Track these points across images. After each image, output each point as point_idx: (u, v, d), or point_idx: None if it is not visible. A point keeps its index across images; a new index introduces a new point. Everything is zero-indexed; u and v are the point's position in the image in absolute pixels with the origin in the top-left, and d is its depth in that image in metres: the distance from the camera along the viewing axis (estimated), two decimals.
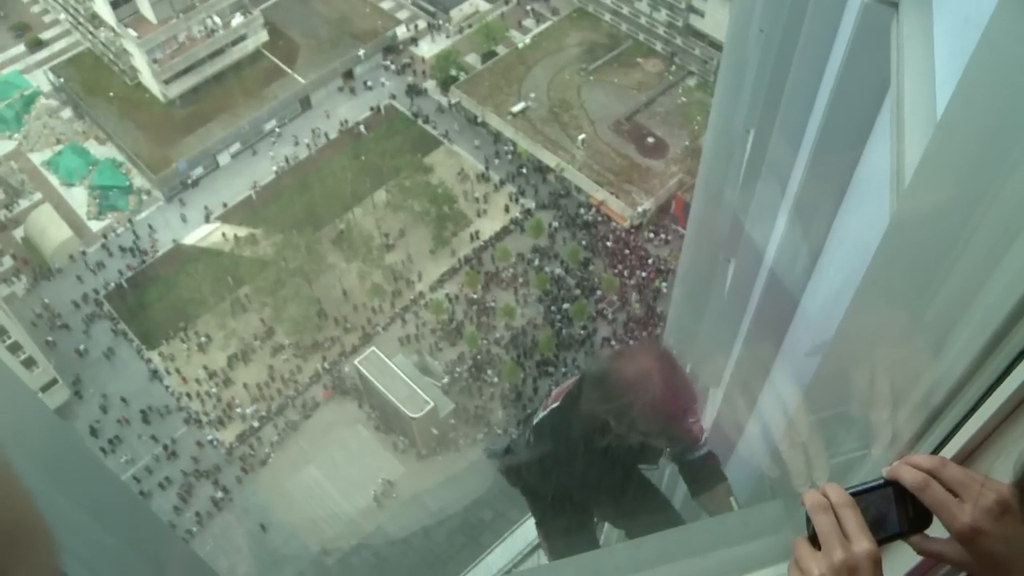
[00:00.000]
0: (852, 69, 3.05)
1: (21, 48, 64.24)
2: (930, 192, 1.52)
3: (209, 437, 45.81)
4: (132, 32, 54.98)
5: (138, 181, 55.82)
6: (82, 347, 48.63)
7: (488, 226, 52.14)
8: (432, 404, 42.27)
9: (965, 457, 1.43)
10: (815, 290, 3.80)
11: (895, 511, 1.55)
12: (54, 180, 56.06)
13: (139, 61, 56.76)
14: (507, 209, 52.93)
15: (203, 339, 48.43)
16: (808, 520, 1.54)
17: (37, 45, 64.15)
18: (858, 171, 3.36)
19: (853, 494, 1.55)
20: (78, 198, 55.01)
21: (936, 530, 1.51)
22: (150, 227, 53.62)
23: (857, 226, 3.28)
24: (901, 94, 2.40)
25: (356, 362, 44.56)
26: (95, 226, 53.87)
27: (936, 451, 1.53)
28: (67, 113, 60.44)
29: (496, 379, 46.38)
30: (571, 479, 4.72)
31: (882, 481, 1.56)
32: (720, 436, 4.71)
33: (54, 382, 45.92)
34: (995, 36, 1.28)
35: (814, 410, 2.27)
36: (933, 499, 1.48)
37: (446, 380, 46.20)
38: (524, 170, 54.16)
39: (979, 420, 1.28)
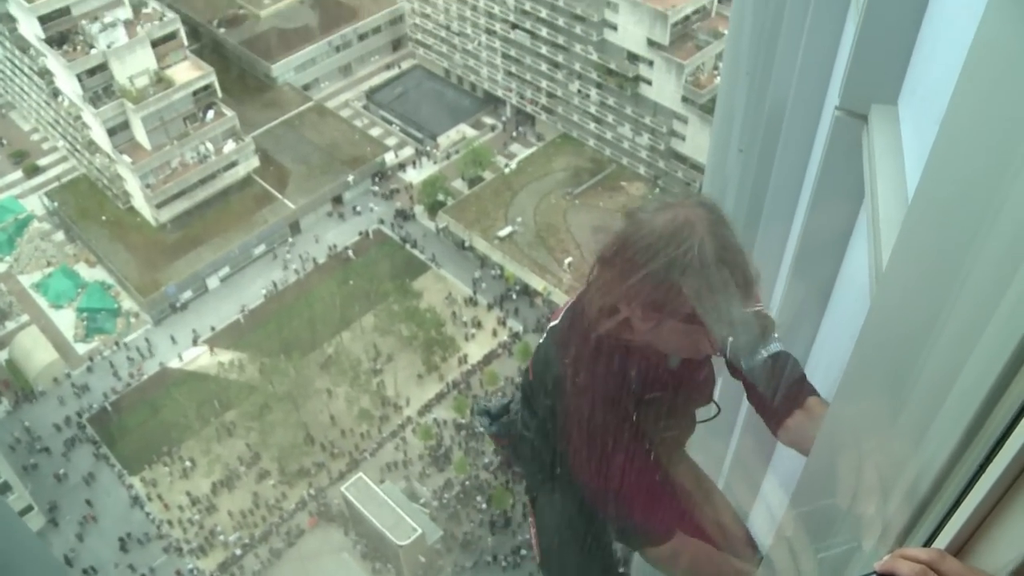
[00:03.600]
0: (828, 180, 3.14)
1: (19, 174, 65.43)
2: (902, 286, 1.56)
3: (189, 566, 44.60)
4: (127, 158, 55.97)
5: (127, 304, 55.90)
6: (62, 472, 47.74)
7: (476, 350, 52.13)
8: (420, 531, 41.41)
9: (958, 549, 1.41)
10: None
11: None
12: (42, 302, 56.08)
13: (132, 186, 57.62)
14: (495, 333, 53.03)
15: (187, 464, 47.66)
16: None
17: (34, 171, 65.38)
18: (839, 279, 3.41)
19: None
20: (66, 320, 54.93)
21: None
22: (137, 350, 53.38)
23: (840, 330, 3.31)
24: (875, 200, 2.46)
25: (343, 488, 43.81)
26: (81, 349, 53.64)
27: (927, 543, 1.51)
28: (59, 236, 60.99)
29: (485, 505, 45.58)
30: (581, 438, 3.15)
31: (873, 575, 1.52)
32: None
33: (29, 508, 44.82)
34: (952, 131, 1.34)
35: (803, 508, 2.25)
36: None
37: (434, 506, 45.41)
38: (512, 294, 54.49)
39: (967, 510, 1.27)
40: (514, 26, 63.39)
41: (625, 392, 2.94)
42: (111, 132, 55.77)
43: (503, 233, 56.39)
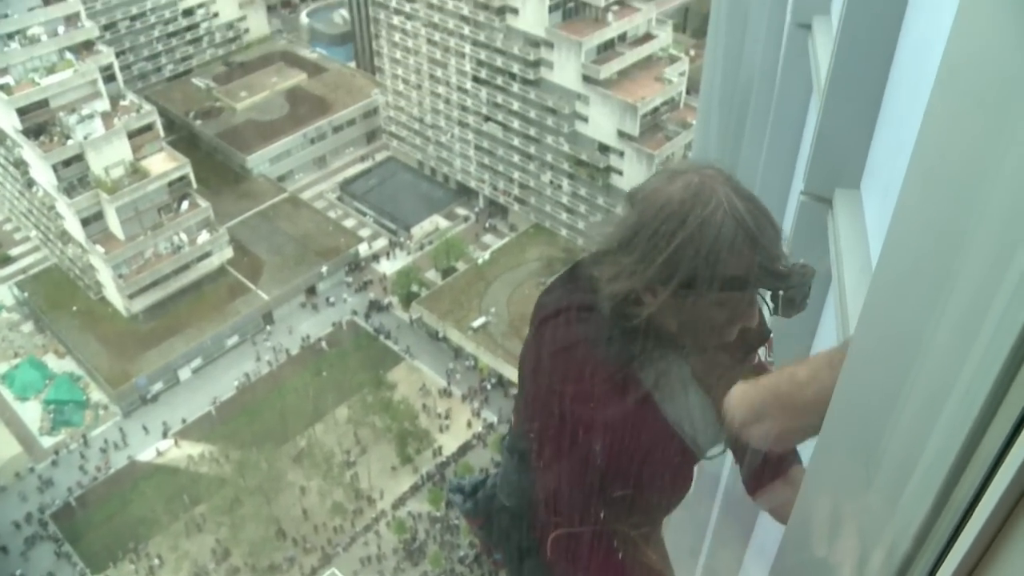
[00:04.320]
0: None
1: None
2: (868, 357, 1.61)
3: None
4: (100, 248, 55.83)
5: (96, 396, 55.10)
6: (19, 573, 46.17)
7: (451, 442, 51.68)
8: None
9: None
10: None
11: None
12: (8, 395, 55.12)
13: (104, 276, 57.36)
14: (469, 424, 52.67)
15: (154, 562, 46.44)
16: None
17: (5, 261, 65.08)
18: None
19: None
20: (31, 413, 53.92)
21: None
22: (106, 442, 52.42)
23: None
24: (842, 281, 2.53)
25: None
26: (47, 442, 52.57)
27: None
28: (28, 327, 60.35)
29: None
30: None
31: None
32: None
33: None
34: (908, 205, 1.41)
35: (787, 566, 2.23)
36: None
37: None
38: (487, 385, 54.29)
39: (950, 566, 1.30)
40: (487, 119, 64.57)
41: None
42: (85, 222, 55.74)
43: (477, 324, 56.47)
